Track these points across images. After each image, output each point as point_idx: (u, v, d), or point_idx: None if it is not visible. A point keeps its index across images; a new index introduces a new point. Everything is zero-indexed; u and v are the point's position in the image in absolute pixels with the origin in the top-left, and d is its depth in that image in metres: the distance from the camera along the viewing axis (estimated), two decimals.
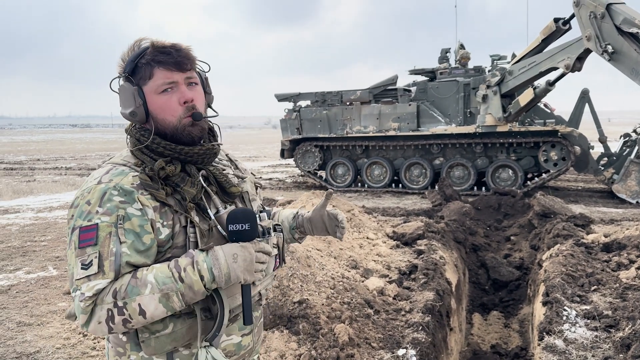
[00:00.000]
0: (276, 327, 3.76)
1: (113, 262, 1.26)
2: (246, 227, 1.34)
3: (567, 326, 4.02)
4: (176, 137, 1.41)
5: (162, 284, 1.26)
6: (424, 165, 12.31)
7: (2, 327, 4.13)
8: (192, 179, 1.41)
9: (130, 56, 1.39)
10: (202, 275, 1.28)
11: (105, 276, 1.25)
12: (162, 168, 1.35)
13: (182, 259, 1.31)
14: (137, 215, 1.30)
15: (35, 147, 37.68)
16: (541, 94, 10.20)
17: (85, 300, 1.23)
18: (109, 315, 1.24)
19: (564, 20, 9.69)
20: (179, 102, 1.40)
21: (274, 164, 21.33)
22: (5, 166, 21.22)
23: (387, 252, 6.07)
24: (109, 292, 1.25)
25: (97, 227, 1.27)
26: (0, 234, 7.95)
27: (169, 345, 1.37)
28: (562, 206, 8.35)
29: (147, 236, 1.31)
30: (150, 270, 1.28)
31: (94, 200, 1.30)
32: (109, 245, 1.27)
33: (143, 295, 1.24)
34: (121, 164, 1.40)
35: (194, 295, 1.29)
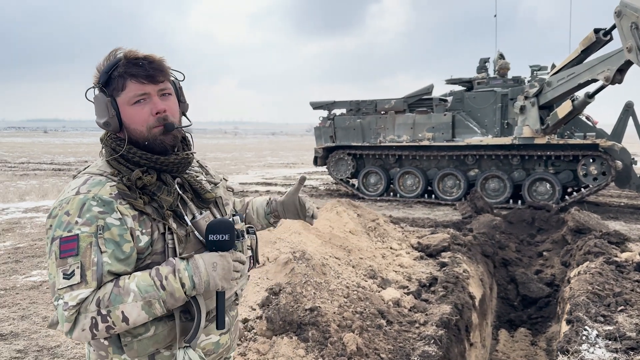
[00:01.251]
0: (285, 333, 3.79)
1: (95, 272, 1.30)
2: (226, 237, 1.42)
3: (585, 346, 3.90)
4: (149, 146, 1.45)
5: (145, 292, 1.31)
6: (458, 176, 12.14)
7: (29, 321, 4.33)
8: (168, 187, 1.46)
9: (104, 67, 1.43)
10: (183, 283, 1.34)
11: (88, 285, 1.29)
12: (139, 178, 1.39)
13: (163, 267, 1.36)
14: (117, 224, 1.34)
15: (85, 149, 39.21)
16: (580, 106, 9.91)
17: (70, 309, 1.27)
18: (92, 323, 1.28)
19: (605, 31, 9.39)
20: (150, 113, 1.43)
21: (310, 171, 21.45)
22: (54, 167, 22.18)
23: (409, 263, 6.03)
24: (92, 300, 1.29)
25: (77, 237, 1.30)
26: (41, 232, 8.32)
27: (151, 348, 1.41)
28: (597, 222, 8.07)
29: (126, 245, 1.35)
30: (132, 278, 1.33)
31: (73, 211, 1.32)
32: (90, 255, 1.30)
33: (126, 303, 1.29)
34: (98, 173, 1.43)
35: (174, 301, 1.35)
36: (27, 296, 4.99)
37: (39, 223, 9.11)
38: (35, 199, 12.40)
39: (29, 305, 4.73)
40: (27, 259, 6.47)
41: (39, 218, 9.67)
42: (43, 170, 20.57)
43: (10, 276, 5.71)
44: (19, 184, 15.20)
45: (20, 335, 4.03)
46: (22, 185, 15.00)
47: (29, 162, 24.96)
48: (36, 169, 21.14)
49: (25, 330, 4.13)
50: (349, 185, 13.69)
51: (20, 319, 4.38)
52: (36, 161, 25.50)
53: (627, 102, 11.43)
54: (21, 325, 4.23)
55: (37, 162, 24.61)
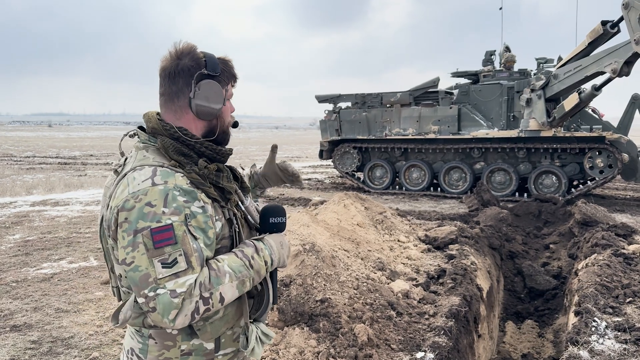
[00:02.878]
0: (297, 324, 3.82)
1: (198, 258, 1.35)
2: (283, 220, 1.61)
3: (595, 337, 3.92)
4: (221, 137, 1.59)
5: (238, 272, 1.41)
6: (464, 170, 12.14)
7: (42, 312, 4.38)
8: (225, 174, 1.54)
9: (213, 59, 1.53)
10: (265, 261, 1.49)
11: (194, 271, 1.33)
12: (205, 167, 1.46)
13: (246, 248, 1.48)
14: (200, 212, 1.38)
15: (90, 143, 39.28)
16: (587, 98, 9.87)
17: (179, 296, 1.30)
18: (195, 307, 1.32)
19: (612, 23, 9.34)
20: (231, 110, 1.63)
21: (315, 165, 21.47)
22: (60, 160, 22.26)
23: (417, 255, 6.05)
24: (196, 285, 1.33)
25: (172, 226, 1.32)
26: (50, 225, 8.38)
27: (222, 328, 1.49)
28: (604, 215, 8.07)
29: (210, 231, 1.41)
30: (222, 262, 1.40)
31: (156, 202, 1.33)
32: (189, 243, 1.34)
33: (224, 284, 1.37)
34: (158, 165, 1.43)
35: (259, 278, 1.49)
36: (38, 288, 5.04)
37: (47, 216, 9.17)
38: (42, 192, 12.47)
39: (41, 297, 4.77)
40: (37, 252, 6.52)
41: (47, 211, 9.73)
42: (49, 164, 20.65)
43: (21, 269, 5.76)
44: (26, 178, 15.27)
45: (34, 326, 4.07)
46: (29, 179, 15.08)
47: (35, 156, 25.05)
48: (42, 162, 21.22)
49: (39, 321, 4.17)
50: (355, 178, 13.70)
51: (33, 310, 4.43)
52: (42, 155, 25.59)
53: (633, 95, 11.38)
54: (34, 316, 4.27)
55: (43, 156, 24.70)
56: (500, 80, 12.14)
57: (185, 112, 1.51)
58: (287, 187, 13.73)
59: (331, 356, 3.49)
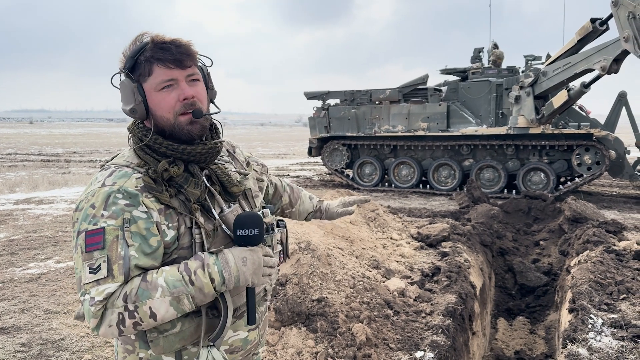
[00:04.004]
0: (294, 324, 3.77)
1: (122, 266, 1.26)
2: (255, 232, 1.36)
3: (592, 335, 3.92)
4: (174, 135, 1.39)
5: (173, 287, 1.26)
6: (453, 167, 12.16)
7: (31, 314, 4.26)
8: (195, 179, 1.40)
9: (130, 52, 1.37)
10: (212, 278, 1.30)
11: (115, 280, 1.25)
12: (165, 170, 1.34)
13: (191, 262, 1.31)
14: (143, 218, 1.29)
15: (72, 140, 38.73)
16: (575, 96, 9.94)
17: (96, 305, 1.23)
18: (119, 319, 1.24)
19: (601, 20, 9.40)
20: (178, 99, 1.37)
21: (302, 162, 21.40)
22: (42, 158, 21.88)
23: (410, 253, 6.02)
24: (120, 295, 1.24)
25: (103, 230, 1.26)
26: (35, 223, 8.20)
27: (177, 344, 1.37)
28: (594, 211, 8.13)
29: (153, 238, 1.30)
30: (160, 273, 1.28)
31: (98, 204, 1.28)
32: (117, 249, 1.26)
33: (154, 299, 1.25)
34: (124, 165, 1.37)
35: (204, 297, 1.30)
36: (26, 289, 4.91)
37: (31, 215, 8.98)
38: (25, 190, 12.23)
39: (29, 298, 4.65)
40: (22, 251, 6.37)
41: (31, 210, 9.53)
42: (31, 161, 20.29)
43: (7, 269, 5.61)
44: (8, 175, 14.98)
45: (23, 328, 3.96)
46: (11, 176, 14.79)
47: (17, 153, 24.60)
48: (24, 160, 20.84)
49: (28, 323, 4.05)
50: (344, 175, 13.66)
51: (21, 312, 4.30)
52: (24, 152, 25.13)
53: (620, 92, 11.50)
54: (23, 318, 4.15)
55: (25, 153, 24.26)
56: (488, 77, 12.17)
57: None
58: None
59: (329, 356, 3.44)
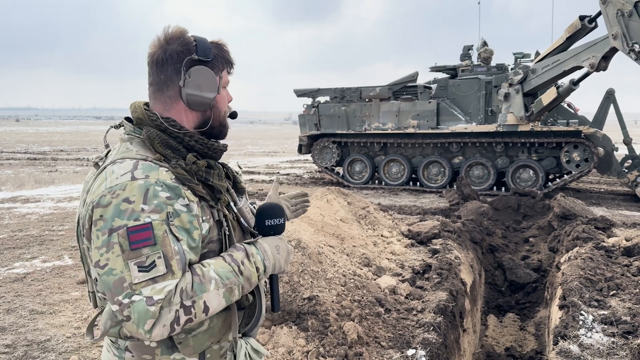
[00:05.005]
0: (285, 323, 3.73)
1: (179, 261, 1.21)
2: (281, 221, 1.46)
3: (583, 331, 3.92)
4: (218, 130, 1.46)
5: (226, 278, 1.26)
6: (442, 164, 12.18)
7: (15, 314, 4.17)
8: (217, 171, 1.40)
9: (205, 44, 1.39)
10: (257, 267, 1.34)
11: (175, 276, 1.19)
12: (194, 162, 1.33)
13: (236, 253, 1.33)
14: (184, 211, 1.25)
15: (60, 138, 38.32)
16: (564, 93, 9.98)
17: (156, 304, 1.16)
18: (175, 317, 1.18)
19: (590, 18, 9.45)
20: (228, 100, 1.49)
21: (292, 160, 21.34)
22: (29, 156, 21.61)
23: (401, 250, 6.00)
24: (176, 292, 1.19)
25: (151, 225, 1.19)
26: (20, 222, 8.08)
27: (207, 342, 1.34)
28: (583, 208, 8.17)
29: (196, 232, 1.27)
30: (208, 266, 1.26)
31: (135, 198, 1.20)
32: (170, 244, 1.20)
33: (209, 292, 1.22)
34: (141, 158, 1.30)
35: (250, 287, 1.33)
36: (11, 289, 4.82)
37: (17, 214, 8.85)
38: (11, 189, 12.06)
39: (13, 298, 4.56)
40: (7, 251, 6.26)
41: (17, 208, 9.40)
42: (17, 159, 20.03)
43: None
44: None
45: (7, 329, 3.87)
46: None
47: (2, 151, 24.28)
48: (10, 158, 20.57)
49: (12, 324, 3.97)
50: (334, 173, 13.63)
51: (6, 312, 4.22)
52: (9, 150, 24.81)
53: (608, 90, 11.57)
54: (7, 319, 4.07)
55: (11, 152, 23.95)
56: (478, 74, 12.20)
57: (175, 102, 1.38)
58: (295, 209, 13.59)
59: (321, 355, 3.41)
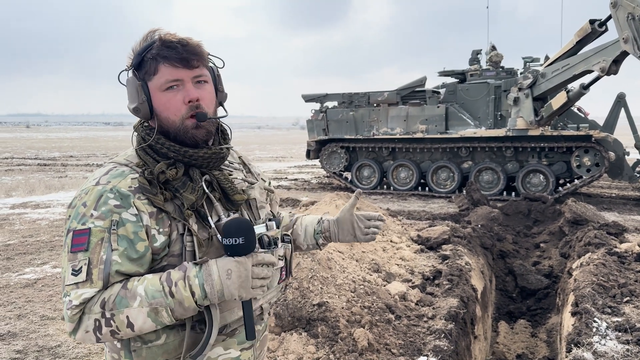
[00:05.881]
0: (294, 329, 3.71)
1: (102, 271, 1.20)
2: (240, 241, 1.23)
3: (596, 338, 3.86)
4: (179, 137, 1.33)
5: (152, 297, 1.19)
6: (451, 169, 12.12)
7: (26, 320, 4.19)
8: (193, 184, 1.32)
9: (139, 49, 1.32)
10: (193, 292, 1.20)
11: (93, 285, 1.19)
12: (162, 172, 1.28)
13: (174, 272, 1.22)
14: (132, 221, 1.23)
15: (69, 143, 38.60)
16: (575, 97, 9.91)
17: (72, 309, 1.18)
18: (96, 326, 1.19)
19: (600, 21, 9.38)
20: (183, 101, 1.32)
21: (300, 165, 21.35)
22: (39, 162, 21.78)
23: (410, 256, 5.96)
24: (97, 301, 1.19)
25: (89, 231, 1.21)
26: (31, 228, 8.12)
27: (160, 357, 1.30)
28: (594, 213, 8.09)
29: (140, 243, 1.24)
30: (141, 281, 1.21)
31: (89, 203, 1.23)
32: (100, 252, 1.20)
33: (131, 308, 1.18)
34: (123, 163, 1.33)
35: (184, 311, 1.21)
36: (22, 294, 4.84)
37: (27, 219, 8.90)
38: (22, 194, 12.15)
39: (25, 303, 4.58)
40: (19, 256, 6.29)
41: (27, 214, 9.45)
42: (28, 165, 20.19)
43: (3, 274, 5.54)
44: (4, 180, 14.88)
45: (19, 335, 3.89)
46: (8, 180, 14.70)
47: (13, 157, 24.50)
48: (21, 164, 20.74)
49: (23, 329, 3.98)
50: (342, 178, 13.61)
51: (17, 318, 4.23)
52: (20, 156, 25.03)
53: (618, 94, 11.48)
54: (18, 324, 4.08)
55: (22, 157, 24.16)
56: (487, 79, 12.15)
57: None
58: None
59: None
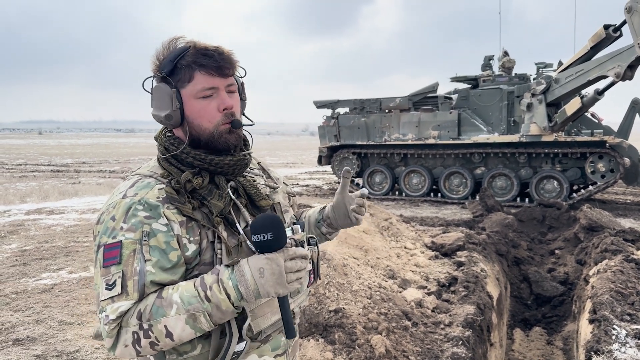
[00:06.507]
0: (311, 336, 3.70)
1: (137, 282, 1.20)
2: (268, 236, 1.20)
3: (616, 346, 3.82)
4: (211, 144, 1.34)
5: (188, 303, 1.17)
6: (464, 175, 12.07)
7: (45, 325, 4.22)
8: (220, 191, 1.33)
9: (169, 55, 1.31)
10: (228, 294, 1.19)
11: (129, 297, 1.19)
12: (188, 180, 1.29)
13: (208, 276, 1.22)
14: (163, 231, 1.23)
15: (81, 150, 38.95)
16: (589, 103, 9.85)
17: (110, 324, 1.17)
18: (134, 338, 1.17)
19: (615, 27, 9.33)
20: (217, 109, 1.33)
21: (311, 171, 21.37)
22: (52, 168, 21.99)
23: (425, 262, 5.94)
24: (134, 313, 1.18)
25: (120, 244, 1.21)
26: (46, 233, 8.19)
27: None
28: (610, 220, 8.01)
29: (173, 253, 1.24)
30: (175, 289, 1.21)
31: (118, 216, 1.23)
32: (133, 264, 1.20)
33: (169, 317, 1.17)
34: (147, 175, 1.33)
35: (222, 314, 1.20)
36: (39, 300, 4.87)
37: (42, 225, 8.98)
38: (36, 200, 12.26)
39: (42, 309, 4.61)
40: (35, 262, 6.34)
41: (42, 220, 9.54)
42: (41, 171, 20.39)
43: (20, 279, 5.59)
44: (19, 186, 15.04)
45: (37, 339, 3.91)
46: (22, 187, 14.85)
47: (27, 163, 24.75)
48: (34, 170, 20.95)
49: (42, 334, 4.01)
50: (354, 184, 13.60)
51: (35, 323, 4.26)
52: (33, 163, 25.29)
53: (633, 99, 11.39)
54: (37, 329, 4.11)
55: (35, 164, 24.41)
56: (500, 85, 12.11)
57: None
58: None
59: None
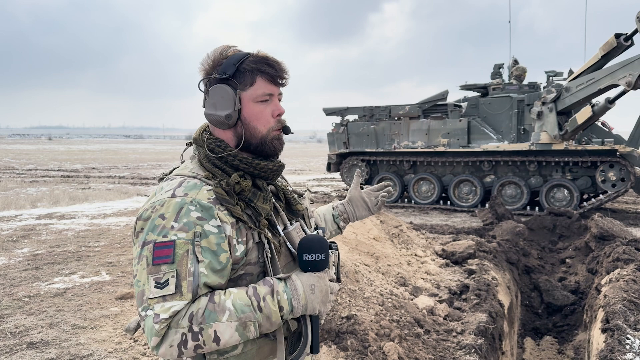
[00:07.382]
0: (324, 342, 3.70)
1: (191, 283, 1.20)
2: (322, 257, 1.32)
3: (630, 355, 3.79)
4: (261, 147, 1.40)
5: (241, 312, 1.21)
6: (474, 183, 12.04)
7: (58, 329, 4.24)
8: (264, 194, 1.38)
9: (230, 59, 1.36)
10: (281, 306, 1.25)
11: (183, 297, 1.19)
12: (237, 182, 1.32)
13: (260, 287, 1.26)
14: (215, 232, 1.25)
15: (91, 156, 39.20)
16: (600, 112, 9.81)
17: (161, 323, 1.17)
18: (182, 340, 1.18)
19: (626, 36, 9.31)
20: (272, 114, 1.40)
21: (319, 178, 21.38)
22: (62, 174, 22.15)
23: (436, 270, 5.93)
24: (185, 315, 1.19)
25: (174, 244, 1.21)
26: (57, 238, 8.24)
27: None
28: (621, 229, 7.95)
29: (223, 255, 1.25)
30: (228, 295, 1.23)
31: (169, 215, 1.24)
32: (187, 265, 1.21)
33: (220, 322, 1.19)
34: (191, 176, 1.34)
35: (270, 325, 1.25)
36: (52, 303, 4.90)
37: (54, 230, 9.04)
38: (47, 205, 12.35)
39: (55, 312, 4.64)
40: (47, 266, 6.39)
41: (53, 225, 9.60)
42: (52, 177, 20.54)
43: (32, 283, 5.62)
44: (30, 191, 15.15)
45: (51, 343, 3.94)
46: (33, 191, 14.96)
47: (37, 168, 24.95)
48: (45, 175, 21.11)
49: (56, 338, 4.03)
50: None
51: (49, 326, 4.29)
52: (44, 168, 25.49)
53: None
54: (50, 333, 4.14)
55: (45, 169, 24.60)
56: (510, 93, 12.09)
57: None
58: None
59: None
